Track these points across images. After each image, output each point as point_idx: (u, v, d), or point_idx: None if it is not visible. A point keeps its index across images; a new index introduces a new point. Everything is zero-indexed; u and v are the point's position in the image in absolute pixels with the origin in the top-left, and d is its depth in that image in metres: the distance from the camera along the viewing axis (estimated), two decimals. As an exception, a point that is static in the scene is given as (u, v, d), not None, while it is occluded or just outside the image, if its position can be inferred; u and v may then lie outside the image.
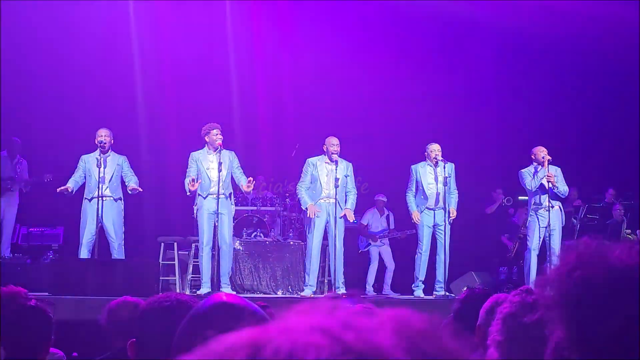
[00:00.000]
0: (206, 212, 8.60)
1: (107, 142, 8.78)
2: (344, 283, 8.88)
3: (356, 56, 12.93)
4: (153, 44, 12.37)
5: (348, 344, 0.68)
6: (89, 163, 8.79)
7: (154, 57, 12.38)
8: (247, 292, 9.53)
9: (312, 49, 12.78)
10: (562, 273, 1.13)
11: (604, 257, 1.12)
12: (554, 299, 1.14)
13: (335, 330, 0.69)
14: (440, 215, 9.22)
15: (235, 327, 0.74)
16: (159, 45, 12.39)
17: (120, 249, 8.77)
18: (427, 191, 9.25)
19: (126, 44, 12.19)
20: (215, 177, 8.53)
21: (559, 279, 1.13)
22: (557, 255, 1.26)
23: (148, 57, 12.34)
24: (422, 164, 9.36)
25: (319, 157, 9.12)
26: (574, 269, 1.12)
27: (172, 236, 9.88)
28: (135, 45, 12.21)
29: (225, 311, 1.43)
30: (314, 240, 8.96)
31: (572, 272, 1.12)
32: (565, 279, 1.12)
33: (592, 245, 1.15)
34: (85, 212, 8.71)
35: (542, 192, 9.13)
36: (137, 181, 8.89)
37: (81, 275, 8.06)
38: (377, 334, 0.70)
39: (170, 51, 12.39)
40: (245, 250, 9.80)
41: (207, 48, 12.51)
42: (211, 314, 1.44)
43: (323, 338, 0.68)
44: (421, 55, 13.09)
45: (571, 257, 1.14)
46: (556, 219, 9.17)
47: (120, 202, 8.85)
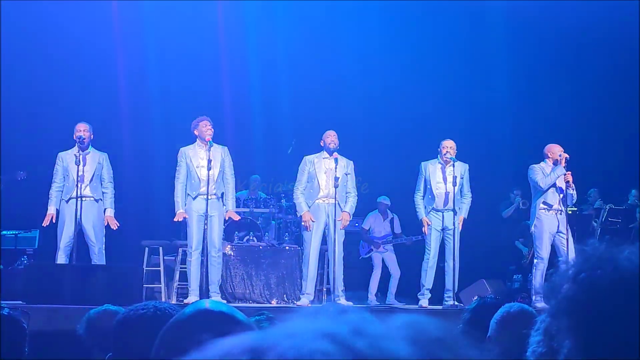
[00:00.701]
0: (195, 214, 8.60)
1: (86, 137, 8.77)
2: (344, 291, 8.88)
3: (358, 45, 12.93)
4: (137, 32, 12.36)
5: (359, 352, 0.67)
6: (66, 161, 8.77)
7: (138, 45, 12.37)
8: (239, 301, 9.53)
9: (310, 37, 12.77)
10: (567, 278, 1.14)
11: (612, 258, 1.12)
12: (560, 306, 1.14)
13: (345, 336, 0.69)
14: (449, 217, 9.21)
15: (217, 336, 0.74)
16: (144, 33, 12.38)
17: (100, 254, 8.77)
18: (435, 190, 9.24)
19: (108, 31, 12.16)
20: (205, 176, 8.53)
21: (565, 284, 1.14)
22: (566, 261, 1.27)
23: (132, 46, 12.33)
24: (433, 162, 9.38)
25: (317, 154, 9.13)
26: (579, 272, 1.13)
27: (158, 240, 9.89)
28: (117, 33, 12.18)
29: (207, 319, 1.43)
30: (311, 245, 8.96)
31: (578, 275, 1.13)
32: (572, 284, 1.13)
33: (599, 247, 1.15)
34: (63, 214, 8.70)
35: (554, 192, 9.10)
36: (112, 195, 8.83)
37: (58, 282, 8.05)
38: (390, 341, 0.69)
39: (156, 40, 12.37)
40: (236, 255, 9.80)
41: (196, 36, 12.49)
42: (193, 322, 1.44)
43: (331, 344, 0.67)
44: (430, 44, 13.09)
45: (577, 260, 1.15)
46: (565, 223, 9.09)
47: (101, 202, 8.84)
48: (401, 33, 13.02)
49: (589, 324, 1.10)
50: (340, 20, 12.87)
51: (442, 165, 9.29)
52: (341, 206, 8.98)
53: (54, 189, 8.78)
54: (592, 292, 1.10)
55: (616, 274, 1.10)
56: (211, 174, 8.55)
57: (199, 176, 8.64)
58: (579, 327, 1.11)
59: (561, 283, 1.15)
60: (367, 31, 13.00)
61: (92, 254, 8.76)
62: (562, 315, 1.14)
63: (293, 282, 9.74)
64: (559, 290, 1.16)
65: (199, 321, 1.44)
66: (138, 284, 8.48)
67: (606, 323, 1.09)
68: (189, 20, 12.39)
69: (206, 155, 8.58)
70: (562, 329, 1.14)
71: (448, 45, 13.20)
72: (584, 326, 1.10)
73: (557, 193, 9.11)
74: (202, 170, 8.59)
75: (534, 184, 9.20)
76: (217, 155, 8.68)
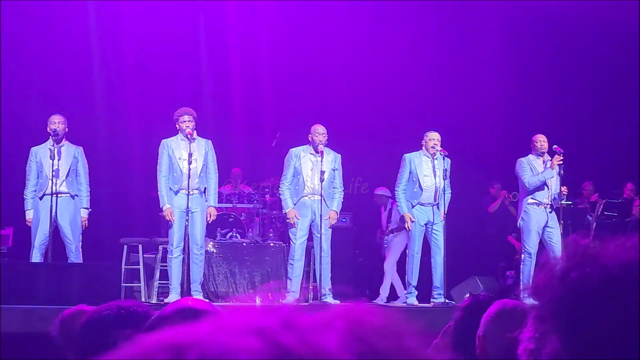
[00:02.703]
0: (177, 210, 8.56)
1: (61, 130, 8.69)
2: (331, 290, 8.86)
3: (345, 34, 12.89)
4: (114, 21, 12.26)
5: (286, 347, 0.66)
6: (39, 156, 8.69)
7: (114, 34, 12.28)
8: (222, 299, 9.51)
9: (295, 24, 12.71)
10: (553, 277, 1.11)
11: (597, 255, 1.10)
12: (547, 308, 1.12)
13: (274, 330, 0.68)
14: (436, 212, 9.18)
15: None
16: (120, 21, 12.29)
17: (77, 252, 8.73)
18: (424, 184, 9.18)
19: (82, 18, 12.03)
20: (187, 170, 8.49)
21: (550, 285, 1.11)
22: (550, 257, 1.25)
23: (107, 35, 12.24)
24: (417, 154, 9.31)
25: (303, 147, 9.08)
26: (567, 272, 1.10)
27: (137, 237, 9.85)
28: (92, 21, 12.06)
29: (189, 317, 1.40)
30: (297, 242, 8.94)
31: (565, 275, 1.10)
32: (558, 284, 1.10)
33: (581, 243, 1.13)
34: (38, 211, 8.65)
35: (542, 189, 9.13)
36: (87, 193, 8.79)
37: (32, 281, 8.00)
38: (323, 334, 0.68)
39: (133, 28, 12.28)
40: (219, 252, 9.77)
41: (175, 24, 12.41)
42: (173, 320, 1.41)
43: (258, 340, 0.66)
44: (418, 34, 13.07)
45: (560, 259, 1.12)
46: (555, 218, 9.15)
47: (77, 199, 8.78)
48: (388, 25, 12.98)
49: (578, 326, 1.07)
50: (324, 10, 12.81)
51: (429, 159, 9.24)
52: (327, 203, 8.93)
53: (29, 188, 8.71)
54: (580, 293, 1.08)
55: (604, 273, 1.07)
56: (193, 168, 8.50)
57: (181, 169, 8.59)
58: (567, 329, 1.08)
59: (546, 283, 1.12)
60: (356, 14, 12.93)
61: (68, 252, 8.72)
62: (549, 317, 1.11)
63: (278, 280, 9.71)
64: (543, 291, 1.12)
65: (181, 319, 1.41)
66: (116, 283, 8.44)
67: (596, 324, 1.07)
68: (168, 10, 12.30)
69: (188, 147, 8.52)
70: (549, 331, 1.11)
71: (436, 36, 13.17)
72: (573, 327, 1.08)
73: (547, 188, 9.14)
74: (184, 163, 8.55)
75: (519, 178, 9.22)
76: (200, 149, 8.64)
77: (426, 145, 9.25)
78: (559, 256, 1.16)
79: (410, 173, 9.24)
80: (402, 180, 9.29)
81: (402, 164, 9.31)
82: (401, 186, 9.28)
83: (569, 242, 1.16)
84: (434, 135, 9.24)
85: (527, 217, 9.19)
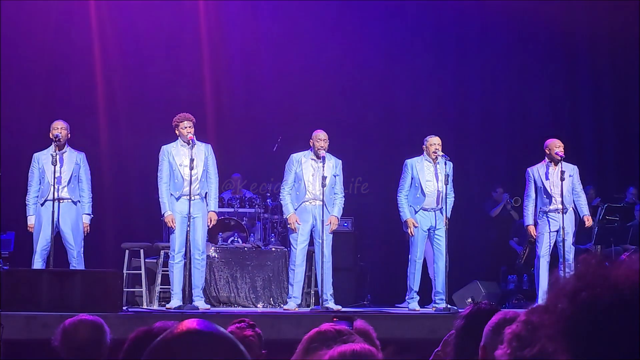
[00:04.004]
0: (179, 216, 8.58)
1: (63, 136, 8.72)
2: (332, 295, 8.86)
3: (346, 38, 12.88)
4: (115, 26, 12.26)
5: None
6: (41, 162, 8.72)
7: (115, 38, 12.27)
8: (223, 304, 9.54)
9: (296, 29, 12.71)
10: (563, 297, 1.12)
11: (608, 275, 1.10)
12: (556, 327, 1.12)
13: None
14: (439, 217, 9.19)
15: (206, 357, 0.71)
16: (122, 24, 12.28)
17: (79, 258, 8.75)
18: (426, 189, 9.19)
19: (84, 25, 12.02)
20: (188, 176, 8.50)
21: (561, 304, 1.12)
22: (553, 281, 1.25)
23: (109, 41, 12.23)
24: (419, 159, 9.32)
25: (304, 153, 9.09)
26: (577, 292, 1.11)
27: (138, 242, 9.86)
28: (94, 26, 12.05)
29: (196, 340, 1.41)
30: (298, 247, 8.95)
31: (576, 295, 1.10)
32: (569, 304, 1.11)
33: (592, 262, 1.13)
34: (40, 217, 8.68)
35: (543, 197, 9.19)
36: (89, 199, 8.81)
37: (35, 288, 8.00)
38: None
39: (135, 31, 12.29)
40: (221, 257, 9.79)
41: (176, 26, 12.43)
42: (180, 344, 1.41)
43: None
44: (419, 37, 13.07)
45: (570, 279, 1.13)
46: (569, 223, 9.19)
47: (79, 205, 8.80)
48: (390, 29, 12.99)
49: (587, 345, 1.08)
50: (326, 15, 12.81)
51: (431, 163, 9.24)
52: (328, 208, 8.93)
53: (32, 194, 8.76)
54: (590, 313, 1.08)
55: (614, 294, 1.08)
56: (194, 174, 8.53)
57: (182, 175, 8.62)
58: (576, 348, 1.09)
59: (556, 302, 1.13)
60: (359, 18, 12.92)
61: (70, 258, 8.74)
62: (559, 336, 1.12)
63: (280, 285, 9.73)
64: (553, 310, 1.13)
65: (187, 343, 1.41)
66: (118, 289, 8.43)
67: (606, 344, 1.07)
68: (169, 14, 12.32)
69: (188, 153, 8.54)
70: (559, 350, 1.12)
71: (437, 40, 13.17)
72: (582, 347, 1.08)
73: (546, 196, 9.17)
74: (185, 170, 8.57)
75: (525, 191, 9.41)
76: (200, 154, 8.67)
77: (427, 150, 9.25)
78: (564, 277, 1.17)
79: (412, 179, 9.25)
80: (404, 186, 9.31)
81: (404, 170, 9.33)
82: (403, 192, 9.30)
83: (580, 261, 1.16)
84: (434, 139, 9.24)
85: (542, 222, 9.30)
